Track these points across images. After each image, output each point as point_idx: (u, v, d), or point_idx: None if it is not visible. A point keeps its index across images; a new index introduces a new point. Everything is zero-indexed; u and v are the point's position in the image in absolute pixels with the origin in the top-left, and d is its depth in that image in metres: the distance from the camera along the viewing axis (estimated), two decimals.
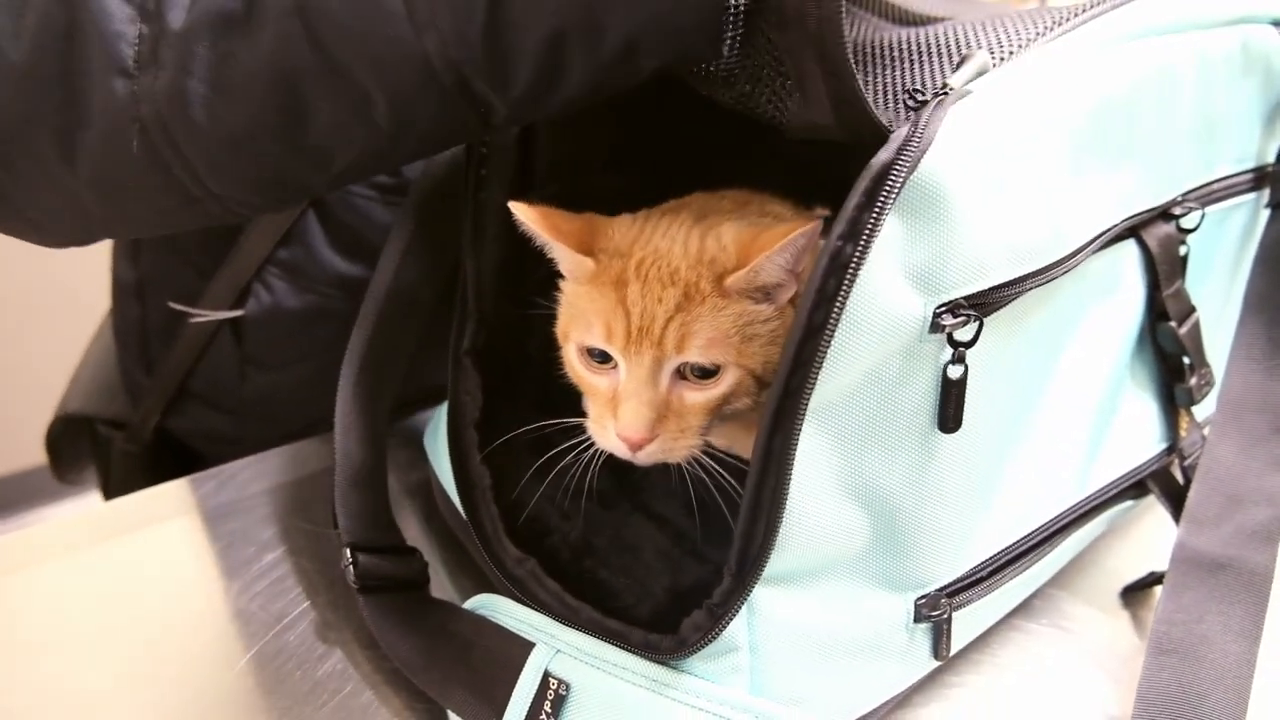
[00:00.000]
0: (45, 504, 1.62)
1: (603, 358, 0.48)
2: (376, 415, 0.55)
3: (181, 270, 0.72)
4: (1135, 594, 0.58)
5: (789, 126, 0.44)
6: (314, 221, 0.68)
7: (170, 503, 0.64)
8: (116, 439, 0.77)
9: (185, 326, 0.71)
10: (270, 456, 0.68)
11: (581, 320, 0.48)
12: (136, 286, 0.75)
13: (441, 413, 0.56)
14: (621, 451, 0.47)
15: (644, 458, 0.47)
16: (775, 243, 0.44)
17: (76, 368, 0.85)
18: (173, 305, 0.70)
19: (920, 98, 0.42)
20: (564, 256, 0.49)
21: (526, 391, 0.58)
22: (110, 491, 0.80)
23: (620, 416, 0.46)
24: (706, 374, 0.46)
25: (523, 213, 0.48)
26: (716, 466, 0.48)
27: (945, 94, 0.41)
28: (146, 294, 0.75)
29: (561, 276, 0.52)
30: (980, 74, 0.43)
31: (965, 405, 0.43)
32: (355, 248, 0.70)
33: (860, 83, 0.40)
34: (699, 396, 0.47)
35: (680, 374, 0.47)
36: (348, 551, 0.51)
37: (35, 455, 0.84)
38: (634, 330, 0.46)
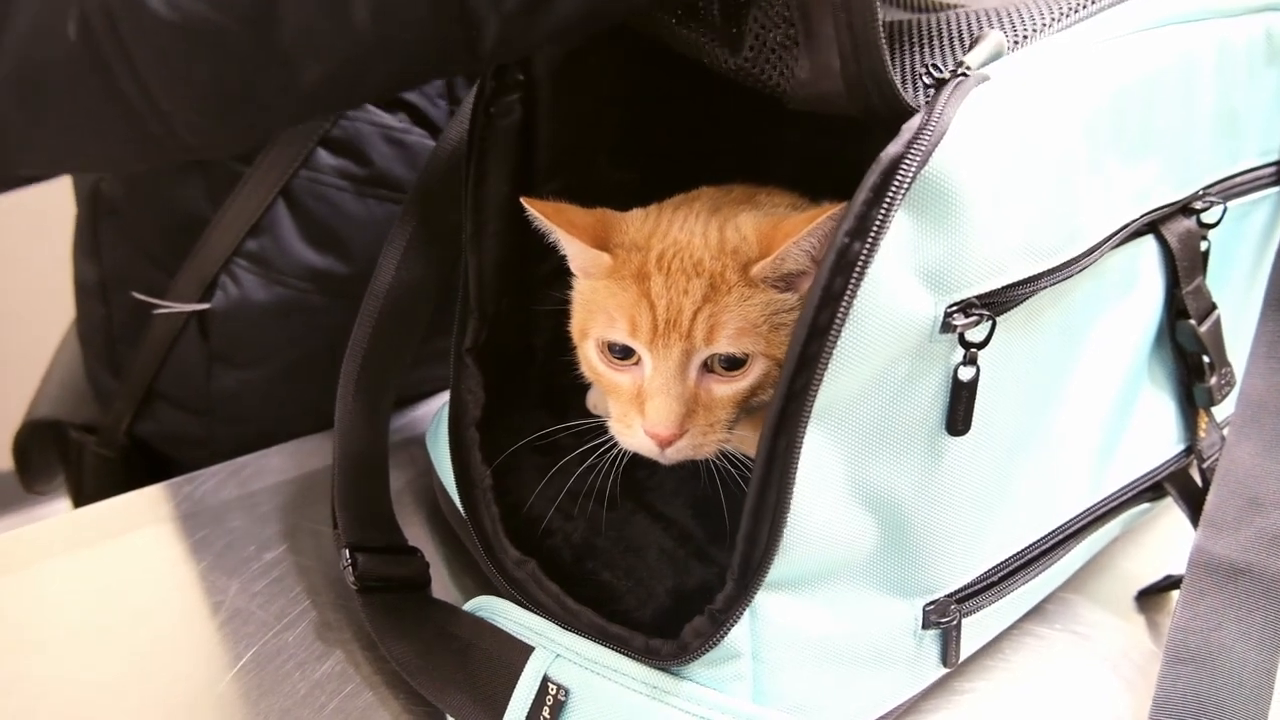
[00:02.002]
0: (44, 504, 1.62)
1: (624, 354, 0.47)
2: (378, 413, 0.55)
3: (145, 267, 0.70)
4: (1151, 598, 0.57)
5: (794, 96, 0.42)
6: (284, 212, 0.67)
7: (170, 501, 0.64)
8: (89, 443, 0.75)
9: (151, 324, 0.69)
10: (271, 454, 0.68)
11: (602, 315, 0.47)
12: (99, 286, 0.73)
13: (443, 411, 0.55)
14: (649, 449, 0.46)
15: (673, 454, 0.46)
16: (800, 229, 0.43)
17: (45, 373, 0.82)
18: (136, 295, 0.68)
19: (938, 74, 0.40)
20: (579, 252, 0.48)
21: (530, 388, 0.58)
22: (82, 499, 0.77)
23: (649, 413, 0.45)
24: (734, 365, 0.45)
25: (535, 208, 0.47)
26: (727, 465, 0.47)
27: (963, 75, 0.40)
28: (110, 293, 0.73)
29: (568, 273, 0.51)
30: (996, 55, 0.42)
31: (976, 407, 0.42)
32: (326, 240, 0.68)
33: (880, 31, 0.38)
34: (727, 389, 0.46)
35: (707, 367, 0.46)
36: (346, 552, 0.51)
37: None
38: (660, 323, 0.45)
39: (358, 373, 0.54)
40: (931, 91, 0.40)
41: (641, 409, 0.46)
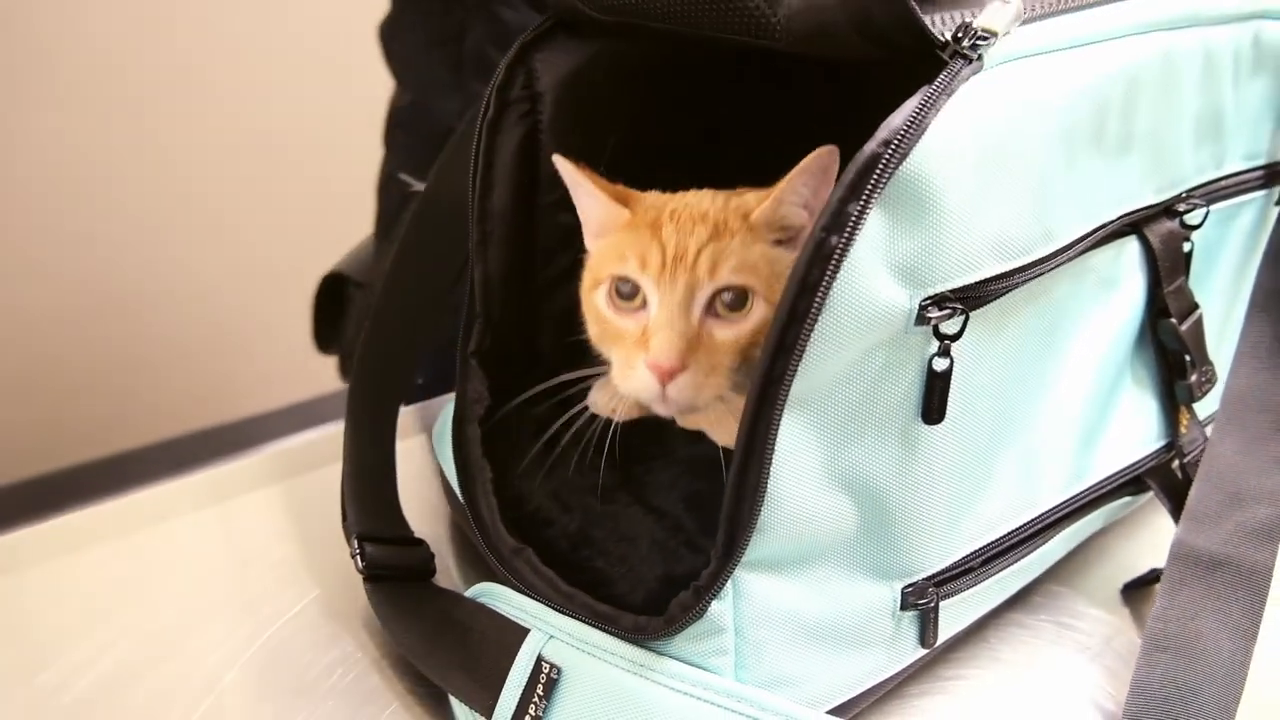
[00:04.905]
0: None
1: (631, 295, 0.49)
2: (385, 409, 0.57)
3: (411, 164, 0.81)
4: (1136, 591, 0.58)
5: (786, 30, 0.42)
6: None
7: (187, 495, 0.67)
8: (356, 296, 0.86)
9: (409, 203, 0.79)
10: (283, 452, 0.71)
11: (614, 256, 0.50)
12: (387, 178, 0.85)
13: (449, 409, 0.57)
14: (649, 388, 0.47)
15: (674, 393, 0.47)
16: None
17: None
18: (401, 176, 0.80)
19: (971, 32, 0.40)
20: (601, 206, 0.52)
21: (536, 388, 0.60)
22: (345, 353, 0.88)
23: (653, 346, 0.47)
24: (737, 305, 0.47)
25: (565, 165, 0.52)
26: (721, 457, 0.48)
27: (974, 56, 0.40)
28: (390, 182, 0.84)
29: (571, 276, 0.53)
30: (1017, 19, 0.42)
31: (950, 398, 0.43)
32: None
33: None
34: (729, 332, 0.47)
35: (711, 311, 0.48)
36: (355, 542, 0.53)
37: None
38: (668, 260, 0.47)
39: (367, 370, 0.56)
40: (952, 37, 0.40)
41: (646, 346, 0.48)
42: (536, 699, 0.44)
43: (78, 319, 1.69)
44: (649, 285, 0.48)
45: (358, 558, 0.53)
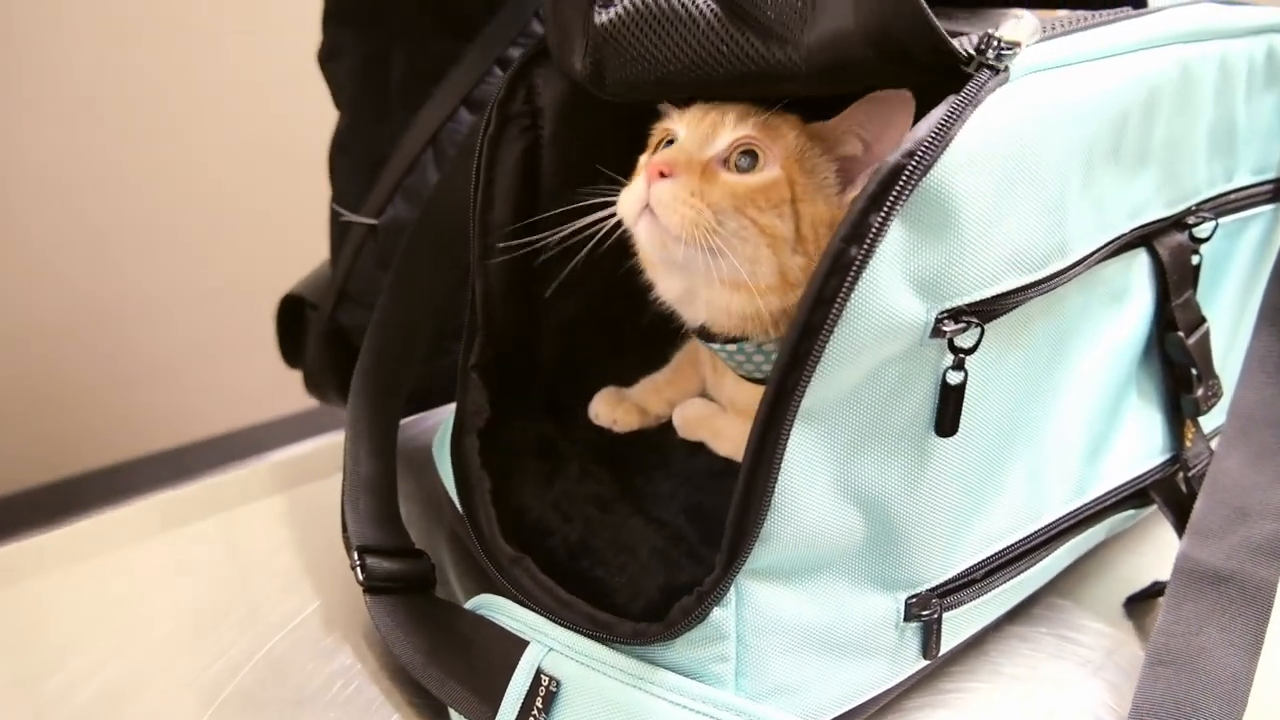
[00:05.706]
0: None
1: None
2: (385, 422, 0.57)
3: (353, 192, 0.80)
4: (1140, 604, 0.57)
5: (809, 66, 0.42)
6: (430, 156, 0.76)
7: (189, 505, 0.67)
8: (314, 318, 0.87)
9: (349, 233, 0.80)
10: (285, 462, 0.71)
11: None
12: (332, 205, 0.84)
13: (449, 421, 0.57)
14: (638, 193, 0.46)
15: (654, 200, 0.46)
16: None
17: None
18: (334, 206, 0.80)
19: (994, 44, 0.40)
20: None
21: (533, 400, 0.60)
22: (307, 370, 0.87)
23: (657, 155, 0.47)
24: (749, 167, 0.47)
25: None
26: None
27: (997, 67, 0.40)
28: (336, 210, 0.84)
29: (570, 291, 0.54)
30: (1035, 34, 0.42)
31: (964, 411, 0.43)
32: None
33: None
34: (731, 179, 0.46)
35: (725, 164, 0.47)
36: (355, 553, 0.53)
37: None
38: (708, 109, 0.48)
39: (367, 383, 0.57)
40: (976, 49, 0.40)
41: None
42: (536, 712, 0.44)
43: (79, 328, 1.69)
44: (680, 127, 0.48)
45: (358, 569, 0.53)
